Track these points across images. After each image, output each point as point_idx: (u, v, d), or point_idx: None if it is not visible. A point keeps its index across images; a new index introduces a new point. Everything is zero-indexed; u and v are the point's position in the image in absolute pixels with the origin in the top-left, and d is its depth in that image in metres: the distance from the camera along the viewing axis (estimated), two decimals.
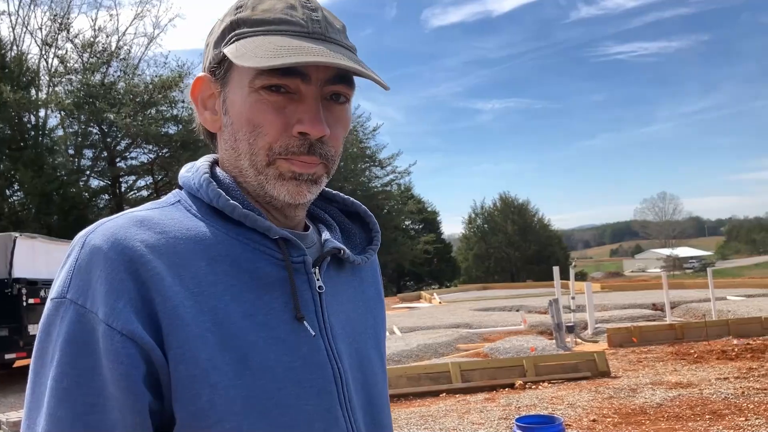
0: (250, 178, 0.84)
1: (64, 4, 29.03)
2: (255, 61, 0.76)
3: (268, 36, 0.80)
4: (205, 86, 0.87)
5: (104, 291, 0.72)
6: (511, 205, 50.83)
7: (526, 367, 8.21)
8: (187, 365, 0.72)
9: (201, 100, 0.88)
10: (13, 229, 17.34)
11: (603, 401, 6.86)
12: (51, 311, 0.74)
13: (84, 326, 0.72)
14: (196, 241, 0.80)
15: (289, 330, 0.81)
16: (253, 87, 0.80)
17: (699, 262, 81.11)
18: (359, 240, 1.00)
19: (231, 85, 0.83)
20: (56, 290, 0.75)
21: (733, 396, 6.67)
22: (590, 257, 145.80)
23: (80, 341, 0.71)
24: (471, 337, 12.74)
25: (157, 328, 0.73)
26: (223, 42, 0.83)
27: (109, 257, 0.73)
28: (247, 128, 0.81)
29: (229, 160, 0.86)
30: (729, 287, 21.12)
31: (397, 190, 42.79)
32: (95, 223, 0.79)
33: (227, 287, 0.78)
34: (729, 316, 12.62)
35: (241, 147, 0.83)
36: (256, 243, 0.83)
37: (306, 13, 0.82)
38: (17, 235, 10.68)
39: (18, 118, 24.66)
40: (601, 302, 16.76)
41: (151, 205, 0.85)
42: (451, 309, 19.34)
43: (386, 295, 36.09)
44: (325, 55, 0.76)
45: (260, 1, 0.83)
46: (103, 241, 0.75)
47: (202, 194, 0.84)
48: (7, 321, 10.04)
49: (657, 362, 8.93)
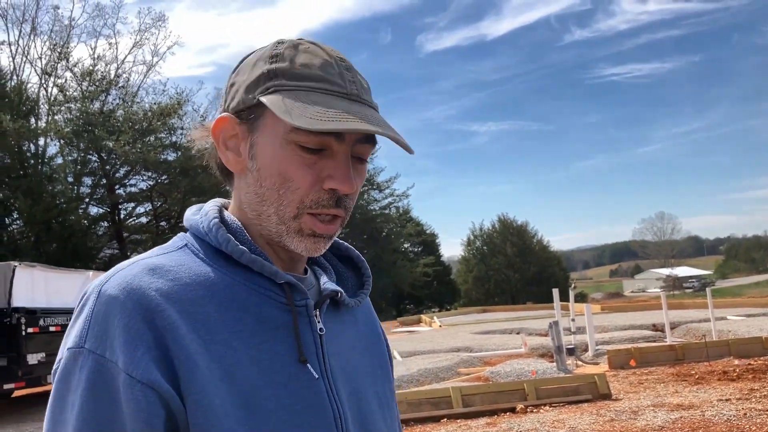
0: (271, 225, 0.86)
1: (64, 33, 29.36)
2: (304, 122, 0.77)
3: (310, 94, 0.82)
4: (229, 127, 0.87)
5: (123, 341, 0.74)
6: (510, 226, 50.85)
7: (527, 391, 8.17)
8: (204, 412, 0.75)
9: (223, 140, 0.88)
10: (12, 257, 17.31)
11: (604, 424, 6.83)
12: (69, 360, 0.75)
13: (104, 375, 0.73)
14: (205, 286, 0.82)
15: (293, 373, 0.83)
16: (287, 140, 0.83)
17: (698, 281, 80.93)
18: (351, 284, 1.02)
19: (261, 132, 0.85)
20: (73, 340, 0.76)
21: (736, 417, 6.64)
22: (590, 278, 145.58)
23: (101, 390, 0.73)
24: (472, 361, 12.69)
25: (174, 376, 0.75)
26: (257, 89, 0.84)
27: (126, 307, 0.75)
28: (277, 180, 0.84)
29: (250, 203, 0.87)
30: (729, 307, 21.06)
31: (395, 213, 42.87)
32: (109, 271, 0.81)
33: (235, 333, 0.81)
34: (729, 336, 12.58)
35: (269, 195, 0.85)
36: (262, 287, 0.85)
37: (342, 73, 0.85)
38: (16, 264, 10.66)
39: (17, 147, 24.75)
40: (601, 323, 16.71)
41: (160, 251, 0.87)
42: (452, 332, 19.27)
43: (386, 318, 35.71)
44: (368, 122, 0.80)
45: (297, 54, 0.85)
46: (119, 290, 0.77)
47: (210, 238, 0.86)
48: (5, 351, 9.98)
49: (658, 384, 8.89)
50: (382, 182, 41.58)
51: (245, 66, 0.88)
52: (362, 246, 37.74)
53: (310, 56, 0.85)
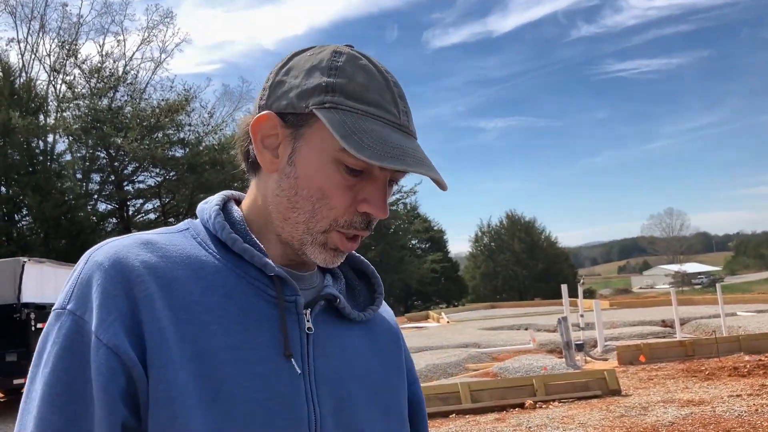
0: (296, 231, 0.86)
1: (72, 30, 29.49)
2: (365, 153, 0.77)
3: (367, 120, 0.82)
4: (270, 125, 0.86)
5: (98, 303, 0.76)
6: (517, 223, 50.76)
7: (536, 387, 8.15)
8: (166, 386, 0.74)
9: (261, 137, 0.87)
10: (21, 253, 17.42)
11: (614, 420, 6.80)
12: (51, 321, 0.78)
13: (79, 336, 0.75)
14: (194, 268, 0.83)
15: (272, 367, 0.81)
16: (334, 158, 0.82)
17: (707, 277, 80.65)
18: (363, 297, 1.01)
19: (306, 141, 0.84)
20: (59, 302, 0.79)
21: (747, 413, 6.60)
22: (598, 274, 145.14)
23: (75, 350, 0.75)
24: (480, 357, 12.67)
25: (142, 347, 0.75)
26: (312, 99, 0.83)
27: (109, 273, 0.77)
28: (315, 193, 0.83)
29: (277, 205, 0.86)
30: (738, 303, 20.97)
31: (403, 210, 42.85)
32: (103, 241, 0.84)
33: (216, 317, 0.80)
34: (739, 332, 12.50)
35: (302, 204, 0.84)
36: (252, 278, 0.85)
37: (397, 101, 0.85)
38: (26, 260, 10.73)
39: (26, 144, 24.90)
40: (610, 320, 16.64)
41: (160, 230, 0.89)
42: (459, 328, 19.26)
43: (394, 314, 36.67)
44: (421, 163, 0.82)
45: (355, 71, 0.84)
46: (105, 257, 0.79)
47: (210, 225, 0.88)
48: (15, 346, 10.05)
49: (668, 380, 8.85)
50: None
51: (297, 68, 0.86)
52: (370, 242, 37.75)
53: (368, 77, 0.84)
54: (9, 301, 10.21)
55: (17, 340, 10.04)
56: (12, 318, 10.07)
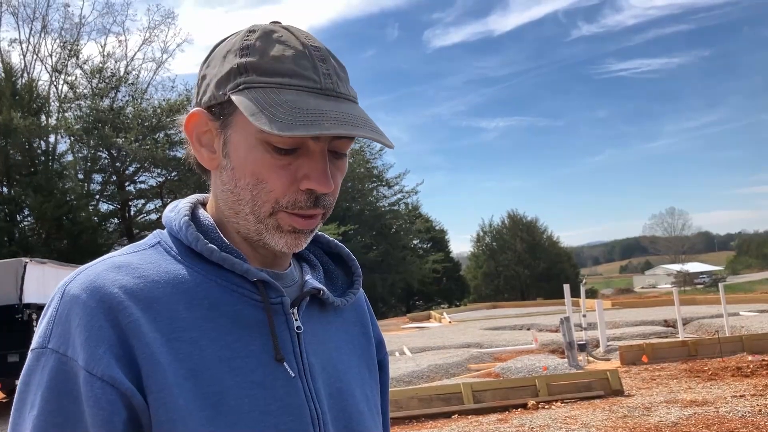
0: (249, 224, 0.83)
1: (74, 31, 29.52)
2: (276, 126, 0.73)
3: (282, 91, 0.77)
4: (201, 122, 0.84)
5: (84, 338, 0.72)
6: (519, 222, 50.69)
7: (538, 387, 8.13)
8: (166, 410, 0.73)
9: (196, 136, 0.85)
10: (23, 254, 17.43)
11: (617, 420, 6.77)
12: (32, 362, 0.74)
13: (65, 374, 0.72)
14: (174, 284, 0.80)
15: (267, 372, 0.80)
16: (259, 140, 0.79)
17: (710, 277, 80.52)
18: (341, 282, 0.99)
19: (234, 129, 0.81)
20: (37, 341, 0.75)
21: (750, 414, 6.58)
22: (600, 274, 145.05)
23: (63, 389, 0.72)
24: (482, 357, 12.65)
25: (137, 374, 0.73)
26: (228, 85, 0.80)
27: (88, 305, 0.74)
28: (251, 180, 0.80)
29: (226, 201, 0.85)
30: (741, 302, 20.92)
31: (404, 210, 42.82)
32: (74, 271, 0.80)
33: (205, 332, 0.78)
34: (742, 332, 12.48)
35: (243, 194, 0.82)
36: (235, 285, 0.82)
37: (317, 66, 0.80)
38: (27, 260, 10.73)
39: (28, 144, 24.91)
40: (612, 319, 16.61)
41: (131, 249, 0.85)
42: (461, 328, 19.23)
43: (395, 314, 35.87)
44: (344, 123, 0.76)
45: (268, 46, 0.80)
46: (81, 289, 0.75)
47: (182, 237, 0.84)
48: (17, 346, 10.04)
49: (671, 380, 8.82)
50: (391, 179, 41.60)
51: (216, 58, 0.84)
52: (371, 242, 37.73)
53: (282, 48, 0.80)
54: (11, 301, 10.21)
55: (19, 341, 10.03)
56: (14, 318, 10.08)
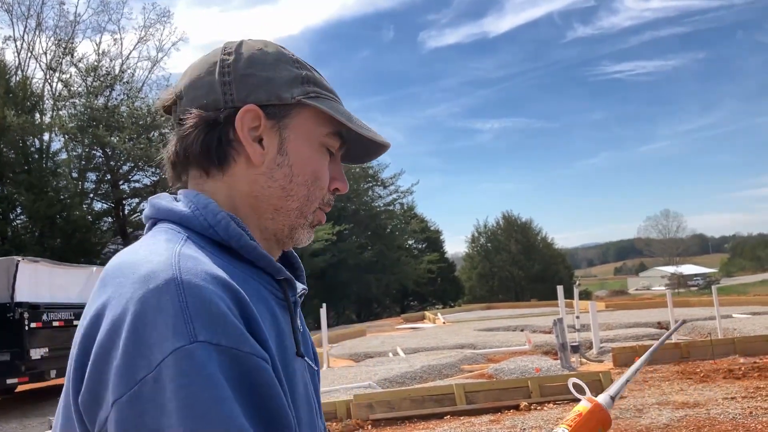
0: (288, 219, 0.90)
1: (69, 29, 29.40)
2: (363, 131, 0.91)
3: (336, 104, 0.92)
4: (253, 118, 0.87)
5: (233, 325, 0.68)
6: (514, 224, 50.74)
7: (531, 388, 8.13)
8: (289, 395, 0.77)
9: (249, 130, 0.88)
10: (15, 252, 17.34)
11: None
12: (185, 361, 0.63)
13: (234, 361, 0.66)
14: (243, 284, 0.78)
15: (298, 368, 0.85)
16: (322, 143, 0.91)
17: (703, 279, 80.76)
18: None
19: (294, 131, 0.89)
20: (172, 340, 0.64)
21: (741, 416, 6.59)
22: (594, 275, 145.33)
23: (245, 381, 0.67)
24: (475, 358, 12.65)
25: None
26: (292, 90, 0.88)
27: (222, 296, 0.70)
28: (310, 177, 0.89)
29: (269, 197, 0.88)
30: (734, 305, 20.97)
31: (399, 210, 42.81)
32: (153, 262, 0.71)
33: (268, 331, 0.78)
34: (735, 335, 12.51)
35: (297, 191, 0.89)
36: (267, 283, 0.85)
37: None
38: (20, 258, 10.68)
39: (22, 142, 24.77)
40: (605, 321, 16.65)
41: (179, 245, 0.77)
42: (455, 329, 19.24)
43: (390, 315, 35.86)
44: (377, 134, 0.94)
45: (306, 63, 0.93)
46: (201, 279, 0.70)
47: (214, 232, 0.81)
48: (8, 346, 9.99)
49: (663, 382, 8.84)
50: (387, 179, 41.59)
51: (261, 63, 0.89)
52: (366, 242, 37.71)
53: (310, 66, 0.94)
54: (2, 300, 10.17)
55: (10, 340, 9.99)
56: (5, 317, 10.02)
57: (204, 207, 0.84)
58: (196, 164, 0.89)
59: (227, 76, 0.87)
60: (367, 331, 21.37)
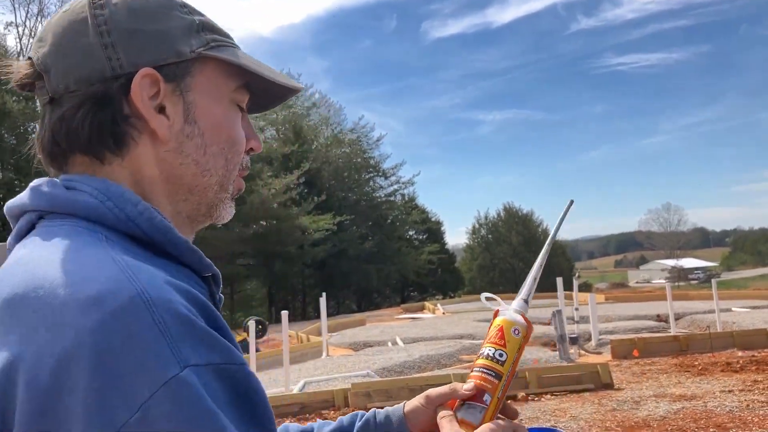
0: (207, 197, 0.76)
1: None
2: (279, 79, 0.78)
3: (239, 51, 0.78)
4: (149, 84, 0.71)
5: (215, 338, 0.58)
6: (515, 215, 50.75)
7: (528, 379, 8.14)
8: None
9: (146, 100, 0.72)
10: None
11: (606, 413, 6.79)
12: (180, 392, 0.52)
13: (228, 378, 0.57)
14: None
15: None
16: (232, 100, 0.77)
17: (704, 273, 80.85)
18: None
19: (198, 92, 0.74)
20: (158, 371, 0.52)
21: (738, 409, 6.60)
22: (594, 268, 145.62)
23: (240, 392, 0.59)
24: (474, 348, 12.66)
25: None
26: (190, 40, 0.73)
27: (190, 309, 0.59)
28: (226, 143, 0.76)
29: (181, 176, 0.74)
30: (734, 298, 20.98)
31: (400, 200, 42.84)
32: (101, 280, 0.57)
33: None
34: (734, 328, 12.53)
35: (213, 163, 0.75)
36: (195, 282, 0.71)
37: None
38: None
39: (23, 128, 24.77)
40: (605, 313, 16.66)
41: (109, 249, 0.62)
42: (455, 320, 19.27)
43: (390, 305, 35.92)
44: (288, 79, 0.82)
45: (193, 6, 0.78)
46: (166, 291, 0.58)
47: (136, 226, 0.67)
48: None
49: (661, 374, 8.85)
50: (388, 169, 41.62)
51: (145, 13, 0.72)
52: (367, 233, 37.72)
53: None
54: None
55: None
56: None
57: (119, 196, 0.68)
58: (84, 151, 0.72)
59: (107, 36, 0.70)
60: (366, 321, 21.41)
